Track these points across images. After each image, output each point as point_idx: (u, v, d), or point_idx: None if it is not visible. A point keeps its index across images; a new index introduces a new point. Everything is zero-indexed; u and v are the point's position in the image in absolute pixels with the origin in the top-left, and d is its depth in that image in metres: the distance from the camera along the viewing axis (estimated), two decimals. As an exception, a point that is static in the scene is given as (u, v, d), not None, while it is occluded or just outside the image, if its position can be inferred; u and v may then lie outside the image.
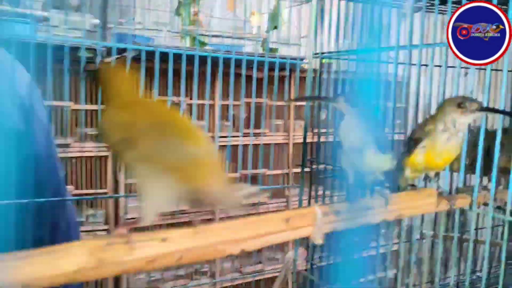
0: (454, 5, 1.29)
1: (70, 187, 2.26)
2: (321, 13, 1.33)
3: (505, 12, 0.86)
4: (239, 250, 0.70)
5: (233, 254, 0.69)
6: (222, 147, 1.97)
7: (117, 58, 1.60)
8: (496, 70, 1.52)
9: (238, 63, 1.73)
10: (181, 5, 2.09)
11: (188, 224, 0.66)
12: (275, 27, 2.34)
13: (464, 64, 1.20)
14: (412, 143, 0.96)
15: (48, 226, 1.07)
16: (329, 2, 1.30)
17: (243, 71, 1.74)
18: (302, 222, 0.76)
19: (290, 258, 1.32)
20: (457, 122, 0.87)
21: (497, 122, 1.01)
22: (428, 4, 1.28)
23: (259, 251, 2.20)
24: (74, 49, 1.53)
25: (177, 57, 1.61)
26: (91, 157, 2.36)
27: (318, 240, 0.77)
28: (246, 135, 2.04)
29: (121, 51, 1.65)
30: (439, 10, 1.07)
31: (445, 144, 0.90)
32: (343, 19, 1.25)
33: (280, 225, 0.73)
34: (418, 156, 0.95)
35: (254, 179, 2.19)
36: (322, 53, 1.34)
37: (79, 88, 1.75)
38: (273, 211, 0.88)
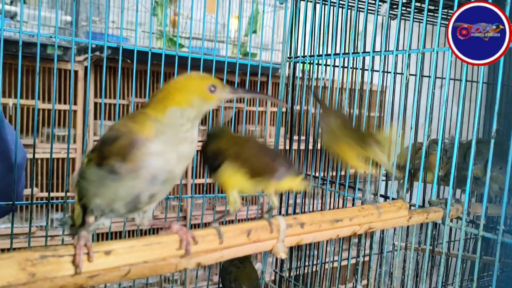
0: (430, 13, 1.28)
1: (35, 190, 2.17)
2: (296, 17, 1.29)
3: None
4: (194, 264, 0.65)
5: (187, 268, 0.64)
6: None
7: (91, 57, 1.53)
8: (472, 81, 1.51)
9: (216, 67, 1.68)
10: (157, 6, 2.04)
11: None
12: (254, 31, 2.31)
13: (439, 74, 1.17)
14: None
15: None
16: (304, 5, 1.26)
17: (225, 75, 1.69)
18: (264, 235, 0.71)
19: (258, 270, 1.27)
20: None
21: (471, 134, 0.98)
22: (404, 12, 1.26)
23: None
24: (41, 46, 1.45)
25: (154, 58, 1.54)
26: (58, 158, 2.27)
27: (281, 255, 0.73)
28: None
29: (93, 50, 1.58)
30: (414, 18, 1.05)
31: None
32: (317, 23, 1.21)
33: (240, 238, 0.69)
34: None
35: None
36: (296, 57, 1.30)
37: (52, 87, 1.67)
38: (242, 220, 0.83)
